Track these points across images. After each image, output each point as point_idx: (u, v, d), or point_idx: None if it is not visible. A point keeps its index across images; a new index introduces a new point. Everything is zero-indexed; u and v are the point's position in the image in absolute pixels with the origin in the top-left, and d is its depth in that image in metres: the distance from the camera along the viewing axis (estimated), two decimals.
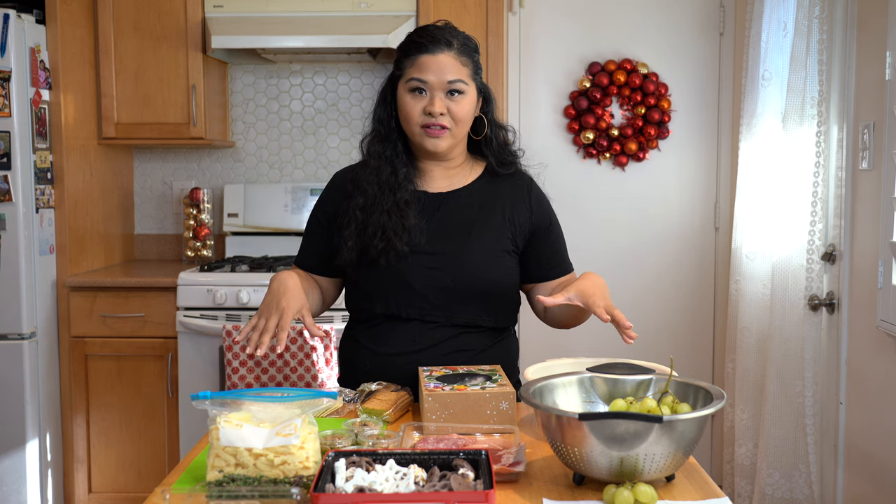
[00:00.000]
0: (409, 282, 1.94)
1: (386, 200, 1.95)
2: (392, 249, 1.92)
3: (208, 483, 1.36)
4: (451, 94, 1.93)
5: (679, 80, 3.88)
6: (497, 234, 2.00)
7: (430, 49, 1.92)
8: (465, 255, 1.96)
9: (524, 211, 2.03)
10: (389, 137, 1.99)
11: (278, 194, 3.91)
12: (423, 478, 1.32)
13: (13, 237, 3.25)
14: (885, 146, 2.59)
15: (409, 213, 1.94)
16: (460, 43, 1.96)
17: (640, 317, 3.94)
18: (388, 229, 1.92)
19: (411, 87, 1.93)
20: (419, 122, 1.94)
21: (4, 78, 3.20)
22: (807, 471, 3.02)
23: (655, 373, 1.60)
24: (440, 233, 1.97)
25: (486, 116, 2.03)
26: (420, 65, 1.93)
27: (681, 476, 1.50)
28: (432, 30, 1.97)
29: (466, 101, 1.95)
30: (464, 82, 1.93)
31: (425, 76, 1.92)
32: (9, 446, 3.28)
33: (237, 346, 3.25)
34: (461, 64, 1.94)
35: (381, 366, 1.98)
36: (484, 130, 2.03)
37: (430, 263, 1.95)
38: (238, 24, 3.59)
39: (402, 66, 1.96)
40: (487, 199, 2.02)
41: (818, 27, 2.85)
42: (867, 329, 2.73)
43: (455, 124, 1.94)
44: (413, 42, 1.96)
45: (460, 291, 1.95)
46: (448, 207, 2.00)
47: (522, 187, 2.06)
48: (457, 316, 1.97)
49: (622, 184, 3.93)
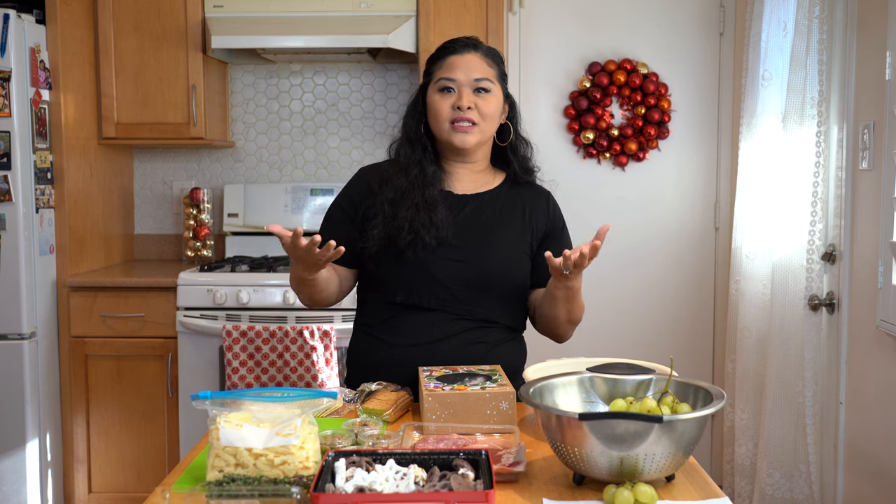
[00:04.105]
0: (433, 272, 1.99)
1: (415, 195, 2.01)
2: (420, 241, 1.98)
3: (208, 483, 1.36)
4: (477, 91, 2.01)
5: (679, 80, 3.88)
6: (518, 235, 2.07)
7: (458, 50, 2.05)
8: (489, 251, 2.03)
9: (542, 216, 2.12)
10: (418, 141, 2.07)
11: (278, 194, 3.91)
12: (423, 478, 1.32)
13: (13, 237, 3.25)
14: (885, 146, 2.59)
15: (437, 209, 2.00)
16: (486, 49, 2.08)
17: (641, 317, 3.94)
18: (416, 222, 1.98)
19: (440, 87, 2.03)
20: (448, 118, 2.01)
21: (4, 78, 3.20)
22: (807, 471, 3.02)
23: (655, 373, 1.60)
24: (465, 229, 2.04)
25: (512, 123, 2.11)
26: (448, 65, 2.03)
27: (681, 476, 1.50)
28: (460, 38, 2.09)
29: (493, 99, 2.03)
30: (490, 81, 2.03)
31: (453, 74, 2.02)
32: (9, 446, 3.28)
33: (237, 346, 3.26)
34: (487, 65, 2.05)
35: (397, 357, 2.01)
36: (509, 137, 2.11)
37: (454, 256, 2.01)
38: (238, 24, 3.59)
39: (431, 71, 2.07)
40: (509, 203, 2.10)
41: (818, 27, 2.85)
42: (867, 329, 2.73)
43: (482, 119, 2.02)
44: (441, 48, 2.08)
45: (481, 285, 2.00)
46: (473, 207, 2.07)
47: (542, 196, 2.15)
48: (475, 310, 2.02)
49: (622, 184, 3.93)
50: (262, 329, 3.26)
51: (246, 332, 3.26)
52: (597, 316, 3.71)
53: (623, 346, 3.86)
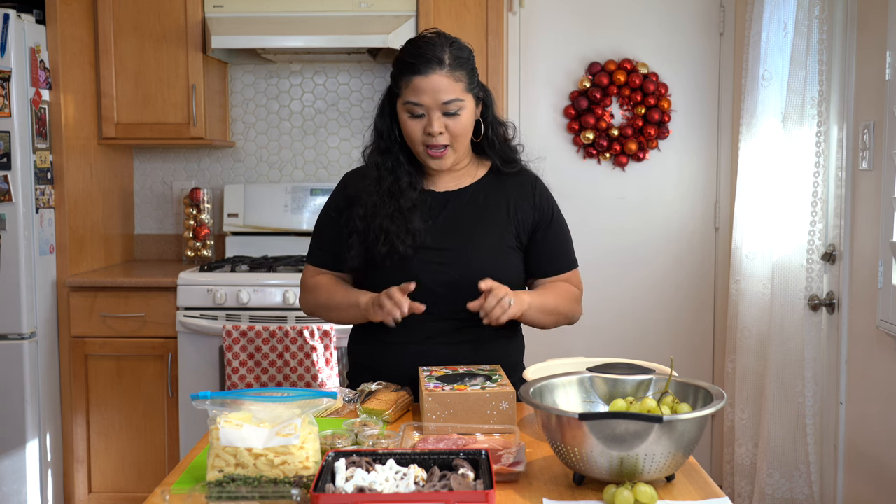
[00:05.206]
0: (416, 276, 1.97)
1: (388, 206, 1.99)
2: (395, 253, 1.96)
3: (208, 483, 1.36)
4: (447, 114, 1.96)
5: (679, 80, 3.88)
6: (502, 230, 2.04)
7: (421, 70, 1.93)
8: (471, 251, 2.01)
9: (528, 208, 2.07)
10: (391, 149, 2.04)
11: (278, 194, 3.91)
12: (423, 478, 1.32)
13: (13, 237, 3.25)
14: (885, 146, 2.59)
15: (413, 217, 1.98)
16: (452, 57, 1.96)
17: (641, 317, 3.94)
18: (390, 233, 1.97)
19: (409, 111, 1.97)
20: (421, 142, 1.98)
21: (4, 78, 3.20)
22: (807, 471, 3.02)
23: (655, 373, 1.60)
24: (446, 230, 2.02)
25: (485, 120, 2.06)
26: (414, 88, 1.94)
27: (681, 476, 1.50)
28: (423, 46, 1.96)
29: (464, 117, 1.98)
30: (459, 100, 1.96)
31: (420, 99, 1.94)
32: (9, 446, 3.28)
33: (237, 346, 3.26)
34: (454, 80, 1.95)
35: (393, 356, 2.02)
36: (482, 134, 2.06)
37: (436, 259, 2.00)
38: (238, 24, 3.59)
39: (398, 84, 1.99)
40: (493, 196, 2.06)
41: (818, 27, 2.85)
42: (867, 329, 2.73)
43: (455, 140, 1.99)
44: (405, 63, 1.97)
45: (465, 285, 1.98)
46: (454, 205, 2.05)
47: (527, 185, 2.10)
48: (463, 311, 1.99)
49: (622, 184, 3.93)
50: (262, 329, 3.26)
51: (246, 332, 3.26)
52: (597, 316, 3.71)
53: (623, 346, 3.86)
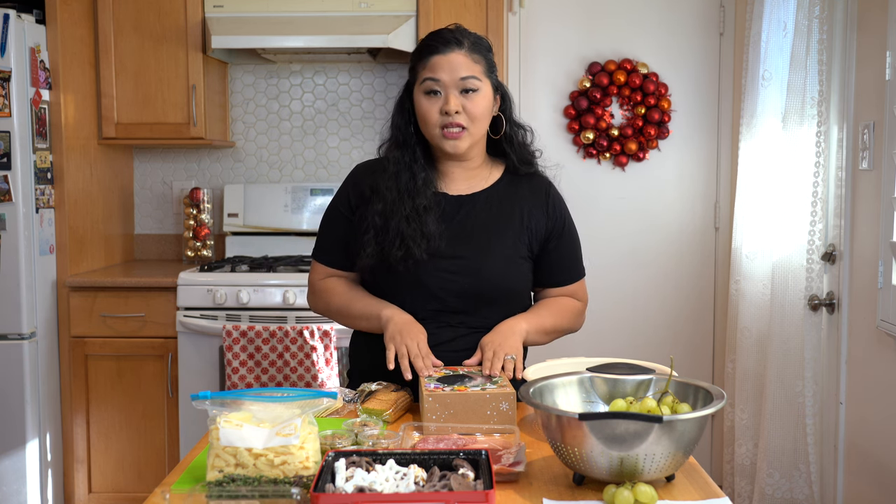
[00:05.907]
0: (427, 284, 1.96)
1: (405, 206, 1.96)
2: (411, 257, 1.94)
3: (208, 483, 1.36)
4: (465, 92, 1.95)
5: (679, 80, 3.88)
6: (515, 239, 2.02)
7: (440, 49, 1.95)
8: (483, 261, 1.98)
9: (541, 216, 2.05)
10: (408, 143, 2.01)
11: (278, 194, 3.91)
12: (423, 478, 1.32)
13: (13, 237, 3.25)
14: (885, 146, 2.59)
15: (427, 220, 1.96)
16: (471, 42, 1.98)
17: (641, 317, 3.94)
18: (406, 236, 1.94)
19: (426, 90, 1.96)
20: (437, 124, 1.96)
21: (4, 78, 3.20)
22: (807, 471, 3.02)
23: (655, 373, 1.60)
24: (459, 237, 2.00)
25: (504, 114, 2.05)
26: (432, 65, 1.95)
27: (681, 476, 1.50)
28: (443, 32, 2.00)
29: (481, 98, 1.96)
30: (476, 79, 1.95)
31: (438, 75, 1.94)
32: (9, 446, 3.28)
33: (237, 346, 3.26)
34: (473, 61, 1.96)
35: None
36: (502, 129, 2.05)
37: (448, 267, 1.97)
38: (238, 24, 3.59)
39: (416, 70, 2.00)
40: (506, 203, 2.04)
41: (818, 27, 2.85)
42: (867, 329, 2.73)
43: (472, 122, 1.96)
44: (424, 45, 1.99)
45: (477, 296, 1.97)
46: (467, 211, 2.02)
47: (541, 190, 2.08)
48: (471, 319, 1.99)
49: (622, 184, 3.93)
50: (262, 329, 3.26)
51: (246, 332, 3.26)
52: (597, 316, 3.70)
53: (623, 346, 3.86)
